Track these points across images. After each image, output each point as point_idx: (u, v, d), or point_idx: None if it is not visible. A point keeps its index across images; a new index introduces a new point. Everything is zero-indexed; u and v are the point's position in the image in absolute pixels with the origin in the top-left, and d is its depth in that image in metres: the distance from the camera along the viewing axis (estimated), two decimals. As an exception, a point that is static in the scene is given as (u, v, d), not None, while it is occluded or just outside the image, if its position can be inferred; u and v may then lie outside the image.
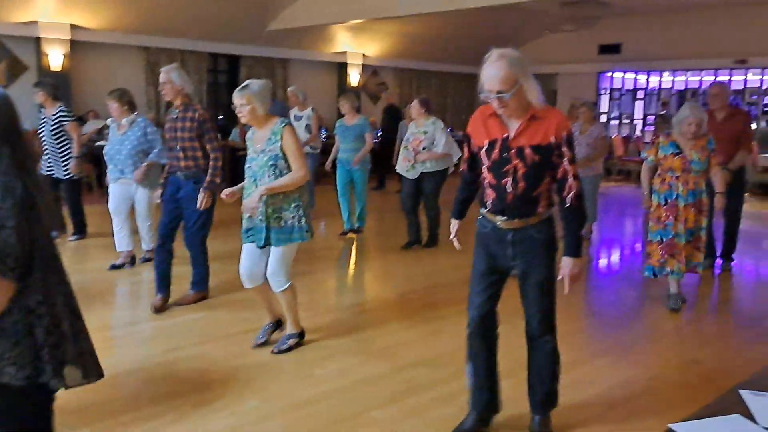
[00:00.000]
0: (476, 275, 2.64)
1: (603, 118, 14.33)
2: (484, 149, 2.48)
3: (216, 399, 3.07)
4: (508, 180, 2.42)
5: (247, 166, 3.46)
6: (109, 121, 5.57)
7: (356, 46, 12.82)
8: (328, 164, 7.04)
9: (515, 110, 2.37)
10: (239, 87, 3.38)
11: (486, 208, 2.55)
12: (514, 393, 2.88)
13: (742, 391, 1.68)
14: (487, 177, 2.49)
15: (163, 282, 4.31)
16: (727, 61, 12.03)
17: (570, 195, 2.42)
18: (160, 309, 4.23)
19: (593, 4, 10.96)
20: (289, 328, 3.67)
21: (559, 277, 2.53)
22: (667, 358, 3.75)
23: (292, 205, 3.41)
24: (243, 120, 3.41)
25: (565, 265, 2.49)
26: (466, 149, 2.63)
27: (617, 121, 14.40)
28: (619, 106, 14.37)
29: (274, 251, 3.45)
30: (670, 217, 4.34)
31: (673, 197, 4.33)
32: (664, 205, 4.38)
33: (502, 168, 2.42)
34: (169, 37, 10.47)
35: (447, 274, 5.35)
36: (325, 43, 12.46)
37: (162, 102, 10.14)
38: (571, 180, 2.41)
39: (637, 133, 14.00)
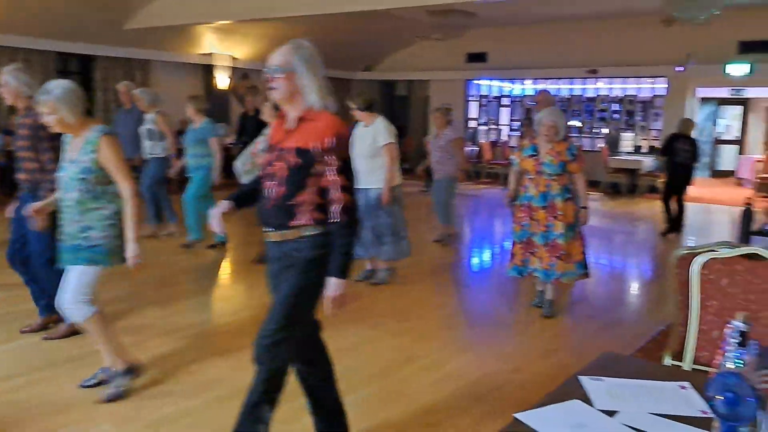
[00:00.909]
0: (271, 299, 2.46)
1: (473, 124, 15.06)
2: (265, 152, 2.40)
3: (63, 425, 2.83)
4: (271, 184, 2.28)
5: (59, 174, 3.05)
6: None
7: (224, 48, 12.45)
8: (173, 171, 6.69)
9: (287, 101, 2.28)
10: (40, 92, 2.94)
11: None
12: (368, 405, 2.90)
13: (581, 377, 1.80)
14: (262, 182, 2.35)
15: (38, 303, 4.02)
16: (580, 71, 13.09)
17: (336, 208, 2.22)
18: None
19: (460, 14, 11.46)
20: (111, 364, 3.13)
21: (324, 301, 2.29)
22: (528, 350, 3.98)
23: (104, 223, 3.00)
24: (54, 130, 2.98)
25: (328, 286, 2.25)
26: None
27: (485, 127, 15.19)
28: (486, 112, 15.16)
29: (71, 272, 3.01)
30: (527, 218, 4.55)
31: (528, 199, 4.55)
32: (522, 206, 4.60)
33: (268, 170, 2.31)
34: (10, 34, 9.54)
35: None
36: (190, 44, 11.98)
37: (3, 105, 9.22)
38: (337, 192, 2.22)
39: (504, 138, 14.84)
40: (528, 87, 14.61)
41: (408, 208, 7.17)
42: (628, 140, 13.58)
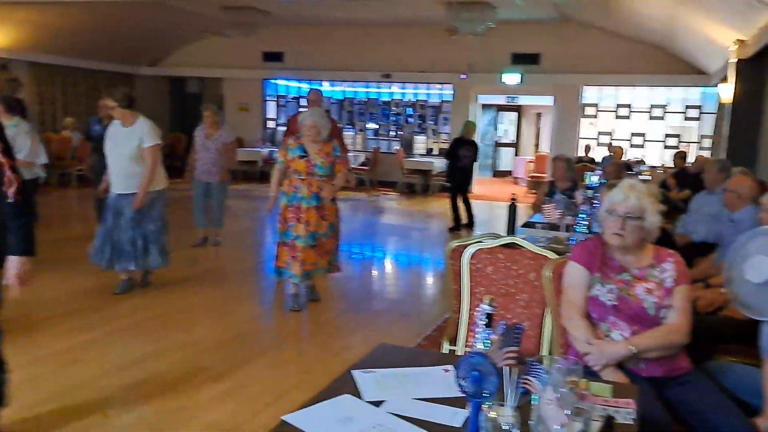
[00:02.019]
0: None
1: (271, 125, 14.95)
2: None
3: None
4: None
5: None
6: None
7: (-25, 33, 10.86)
8: None
9: None
10: None
11: None
12: (150, 421, 2.72)
13: (354, 371, 1.85)
14: None
15: None
16: (375, 75, 13.70)
17: (11, 190, 2.26)
18: None
19: (253, 11, 11.32)
20: None
21: (6, 282, 2.31)
22: (320, 350, 4.03)
23: None
24: None
25: (12, 265, 2.30)
26: None
27: (285, 128, 15.16)
28: (285, 112, 15.16)
29: None
30: (294, 219, 4.54)
31: (297, 199, 4.54)
32: (290, 206, 4.57)
33: None
34: None
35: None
36: (-71, 26, 10.25)
37: None
38: (9, 173, 2.26)
39: (304, 139, 14.96)
40: (326, 89, 14.89)
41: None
42: (421, 143, 14.53)
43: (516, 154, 17.35)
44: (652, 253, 2.38)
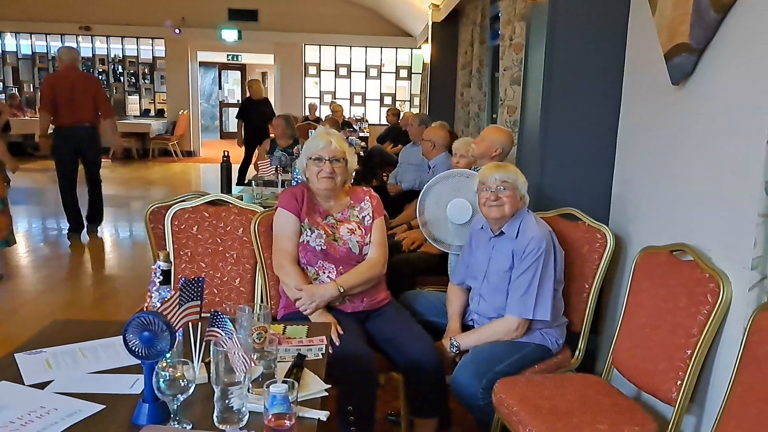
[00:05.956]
0: None
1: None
2: None
3: None
4: None
5: None
6: None
7: None
8: None
9: None
10: None
11: None
12: None
13: (17, 354, 1.62)
14: None
15: None
16: (73, 27, 12.18)
17: None
18: None
19: None
20: None
21: None
22: (4, 338, 3.54)
23: None
24: None
25: None
26: None
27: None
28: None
29: None
30: None
31: None
32: None
33: None
34: None
35: None
36: None
37: None
38: None
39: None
40: (9, 42, 12.79)
41: None
42: (135, 104, 13.46)
43: (243, 116, 17.15)
44: (349, 194, 2.51)
